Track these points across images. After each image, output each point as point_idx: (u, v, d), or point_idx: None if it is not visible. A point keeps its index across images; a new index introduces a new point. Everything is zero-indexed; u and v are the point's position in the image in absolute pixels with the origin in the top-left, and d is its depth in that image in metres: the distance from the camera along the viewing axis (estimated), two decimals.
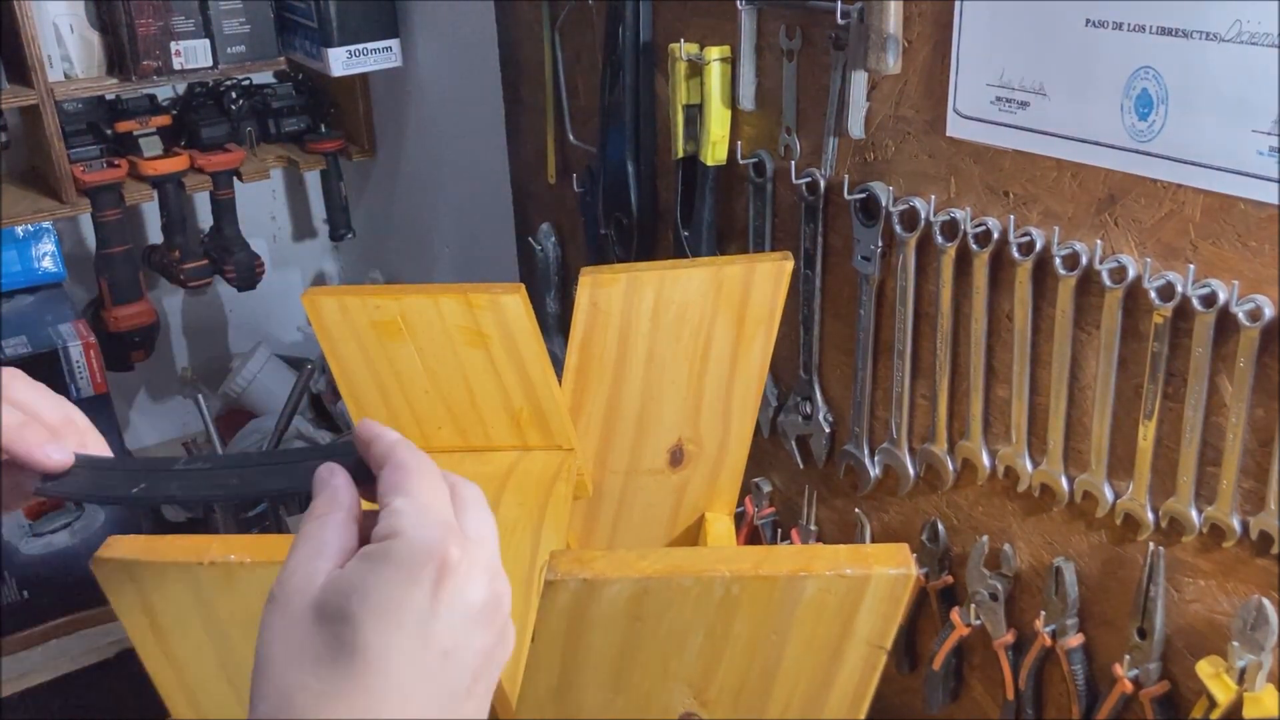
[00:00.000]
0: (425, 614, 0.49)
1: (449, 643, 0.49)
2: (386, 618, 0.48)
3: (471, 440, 0.91)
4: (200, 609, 0.66)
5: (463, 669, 0.50)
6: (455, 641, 0.49)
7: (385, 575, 0.49)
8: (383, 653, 0.48)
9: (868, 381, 1.17)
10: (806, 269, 1.19)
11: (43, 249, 1.96)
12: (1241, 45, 0.79)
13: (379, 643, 0.48)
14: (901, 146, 1.06)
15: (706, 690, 0.63)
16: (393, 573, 0.49)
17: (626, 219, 1.40)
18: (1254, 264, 0.83)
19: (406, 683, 0.48)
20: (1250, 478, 0.88)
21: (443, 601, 0.49)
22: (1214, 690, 0.91)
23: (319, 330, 0.86)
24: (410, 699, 0.48)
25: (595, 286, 0.88)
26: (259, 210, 2.44)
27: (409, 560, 0.49)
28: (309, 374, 2.10)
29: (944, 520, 1.15)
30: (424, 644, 0.48)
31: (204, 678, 0.70)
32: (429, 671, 0.49)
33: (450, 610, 0.49)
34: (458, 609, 0.50)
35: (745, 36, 1.17)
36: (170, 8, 1.85)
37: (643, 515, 1.02)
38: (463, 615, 0.50)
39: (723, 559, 0.58)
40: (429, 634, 0.49)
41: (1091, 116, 0.90)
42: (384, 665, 0.48)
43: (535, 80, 1.57)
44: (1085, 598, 1.03)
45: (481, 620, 0.51)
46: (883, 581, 0.58)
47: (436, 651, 0.49)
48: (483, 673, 0.51)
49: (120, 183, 1.96)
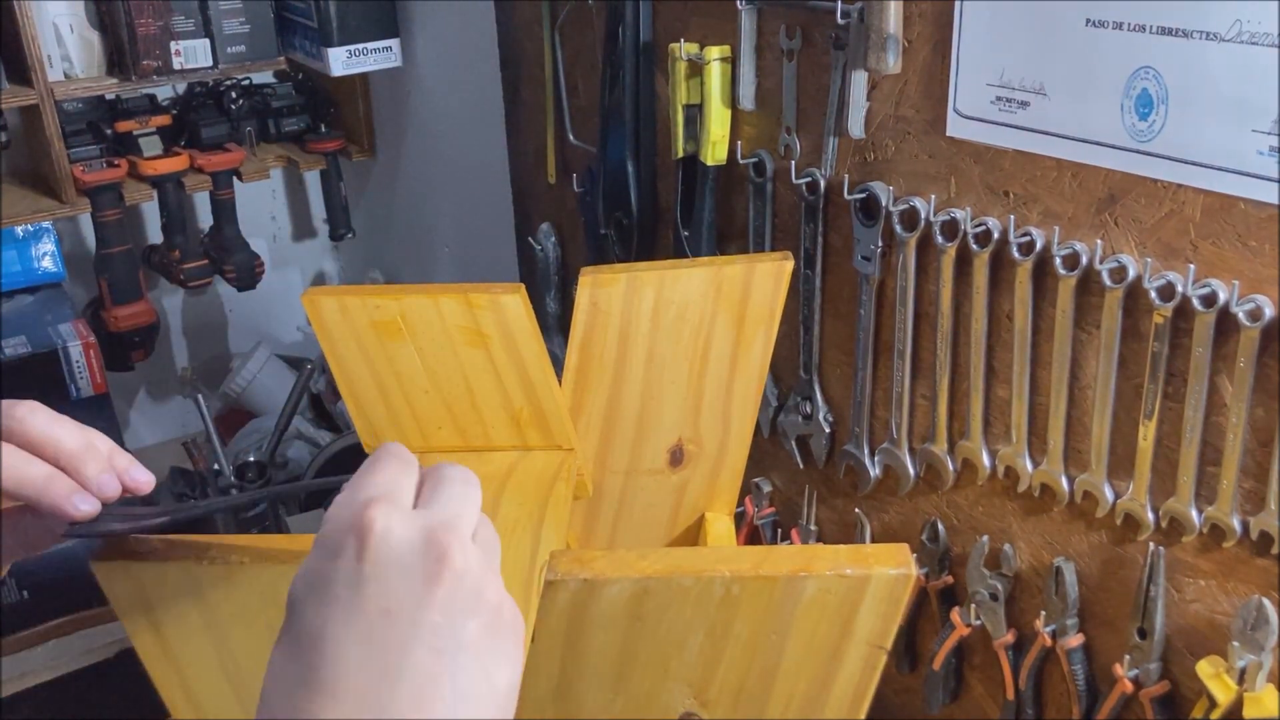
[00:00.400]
0: (353, 580, 0.50)
1: (386, 601, 0.50)
2: (319, 593, 0.50)
3: (471, 440, 0.91)
4: (200, 609, 0.66)
5: (411, 623, 0.50)
6: (394, 599, 0.50)
7: (315, 556, 0.51)
8: (320, 628, 0.49)
9: (868, 381, 1.17)
10: (806, 269, 1.19)
11: (43, 249, 1.96)
12: (1241, 45, 0.79)
13: (315, 618, 0.50)
14: (901, 146, 1.06)
15: (706, 690, 0.63)
16: (319, 551, 0.51)
17: (626, 219, 1.40)
18: (1254, 264, 0.83)
19: (344, 649, 0.49)
20: (1250, 478, 0.88)
21: (368, 563, 0.50)
22: (1214, 690, 0.91)
23: (319, 330, 0.86)
24: (347, 663, 0.49)
25: (595, 286, 0.88)
26: (259, 210, 2.44)
27: (332, 535, 0.51)
28: (309, 374, 2.10)
29: (944, 520, 1.15)
30: (358, 608, 0.49)
31: (204, 678, 0.70)
32: (368, 633, 0.49)
33: (378, 569, 0.50)
34: (387, 567, 0.50)
35: (745, 36, 1.17)
36: (170, 8, 1.85)
37: (643, 515, 1.02)
38: (397, 572, 0.50)
39: (723, 559, 0.58)
40: (361, 598, 0.50)
41: (1092, 116, 0.90)
42: (320, 638, 0.49)
43: (535, 80, 1.57)
44: (1085, 598, 1.03)
45: (421, 571, 0.50)
46: (883, 581, 0.58)
47: (374, 612, 0.49)
48: (448, 621, 0.50)
49: (120, 182, 1.96)
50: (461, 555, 0.51)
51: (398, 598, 0.50)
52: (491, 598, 0.52)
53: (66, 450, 0.61)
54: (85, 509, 0.61)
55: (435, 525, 0.52)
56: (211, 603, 0.66)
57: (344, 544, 0.51)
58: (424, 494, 0.55)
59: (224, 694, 0.71)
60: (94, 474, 0.61)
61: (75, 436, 0.62)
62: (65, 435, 0.62)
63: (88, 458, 0.61)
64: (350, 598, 0.50)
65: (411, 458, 0.57)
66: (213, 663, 0.70)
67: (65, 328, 1.86)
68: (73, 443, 0.62)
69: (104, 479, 0.61)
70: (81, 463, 0.61)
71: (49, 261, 1.97)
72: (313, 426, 2.28)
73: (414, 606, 0.50)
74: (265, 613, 0.67)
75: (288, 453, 2.21)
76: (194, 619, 0.67)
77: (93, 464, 0.61)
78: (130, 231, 2.09)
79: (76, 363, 1.83)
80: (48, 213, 1.90)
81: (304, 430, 2.25)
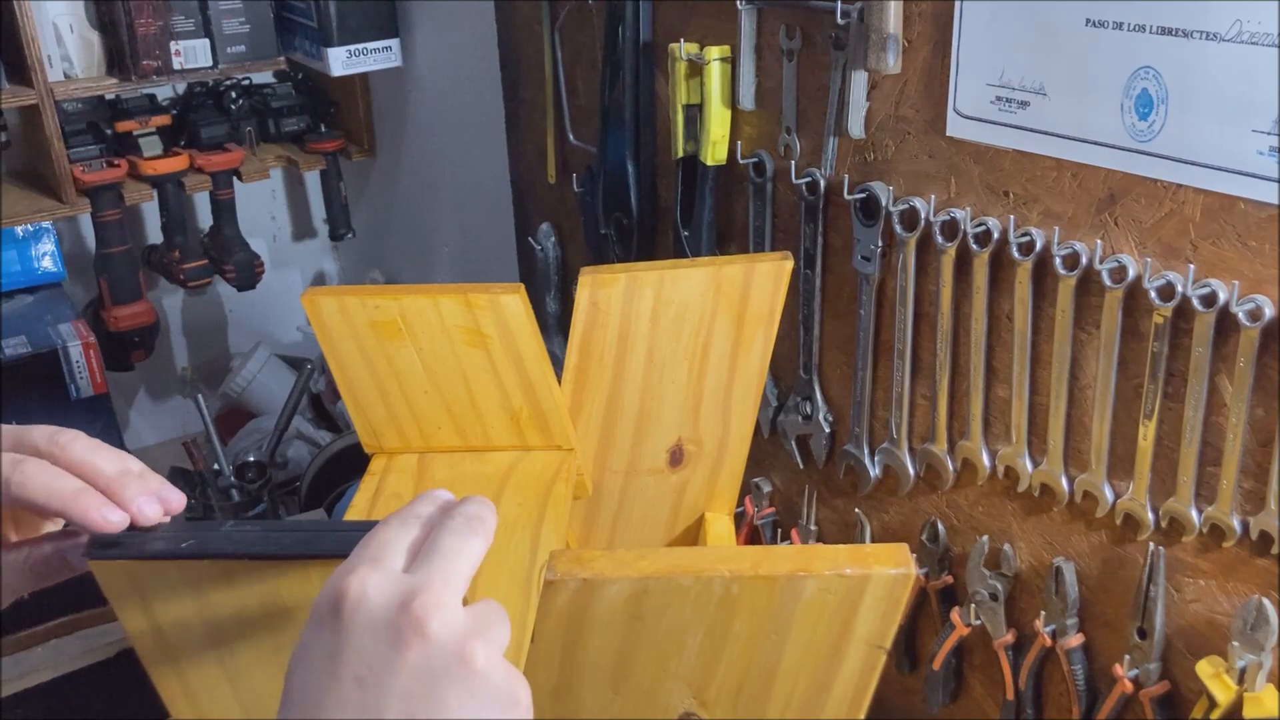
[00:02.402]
0: (331, 648, 0.51)
1: (360, 669, 0.50)
2: (303, 662, 0.52)
3: (471, 440, 0.91)
4: (199, 607, 0.66)
5: (381, 688, 0.50)
6: (367, 666, 0.50)
7: (306, 624, 0.53)
8: (305, 696, 0.51)
9: (868, 381, 1.17)
10: (806, 269, 1.19)
11: (42, 249, 1.96)
12: (1241, 45, 0.79)
13: (297, 686, 0.51)
14: (901, 146, 1.06)
15: (706, 690, 0.63)
16: (309, 620, 0.53)
17: (626, 219, 1.40)
18: (1254, 264, 0.83)
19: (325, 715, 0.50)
20: (1250, 478, 0.88)
21: (343, 632, 0.51)
22: (1214, 690, 0.91)
23: (318, 330, 0.86)
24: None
25: (594, 286, 0.88)
26: (259, 210, 2.44)
27: (318, 603, 0.53)
28: (309, 374, 2.11)
29: (944, 520, 1.15)
30: (334, 675, 0.51)
31: (204, 678, 0.70)
32: (343, 701, 0.50)
33: (352, 636, 0.51)
34: (362, 634, 0.51)
35: (745, 36, 1.16)
36: (170, 7, 1.85)
37: (642, 515, 1.02)
38: (370, 638, 0.51)
39: (722, 558, 0.58)
40: (337, 665, 0.51)
41: (1091, 116, 0.90)
42: (305, 705, 0.51)
43: (535, 80, 1.57)
44: (1085, 598, 1.03)
45: (392, 637, 0.50)
46: (882, 581, 0.58)
47: (349, 679, 0.50)
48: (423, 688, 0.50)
49: (120, 183, 1.96)
50: (439, 620, 0.51)
51: (368, 664, 0.50)
52: (481, 666, 0.51)
53: (105, 475, 0.62)
54: (114, 519, 0.61)
55: (414, 589, 0.52)
56: (210, 601, 0.66)
57: (324, 611, 0.52)
58: (423, 549, 0.55)
59: (224, 694, 0.71)
60: (133, 496, 0.62)
61: (114, 463, 0.62)
62: (104, 462, 0.62)
63: (126, 482, 0.62)
64: (327, 665, 0.51)
65: (422, 512, 0.57)
66: (213, 663, 0.70)
67: (65, 328, 1.87)
68: (111, 468, 0.62)
69: (143, 500, 0.62)
70: (121, 486, 0.62)
71: (49, 261, 1.97)
72: (313, 426, 2.28)
73: (384, 672, 0.50)
74: (264, 611, 0.67)
75: (288, 453, 2.21)
76: (193, 617, 0.67)
77: (132, 487, 0.62)
78: (130, 231, 2.09)
79: (76, 363, 1.83)
80: (48, 213, 1.90)
81: (304, 430, 2.25)
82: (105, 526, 0.61)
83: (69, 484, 0.61)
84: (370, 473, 0.90)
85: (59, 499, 0.60)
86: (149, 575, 0.65)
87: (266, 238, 2.48)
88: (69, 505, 0.60)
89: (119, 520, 0.61)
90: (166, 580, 0.65)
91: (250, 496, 1.99)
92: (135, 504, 0.61)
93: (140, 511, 0.61)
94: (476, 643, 0.51)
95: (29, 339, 1.83)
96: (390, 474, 0.90)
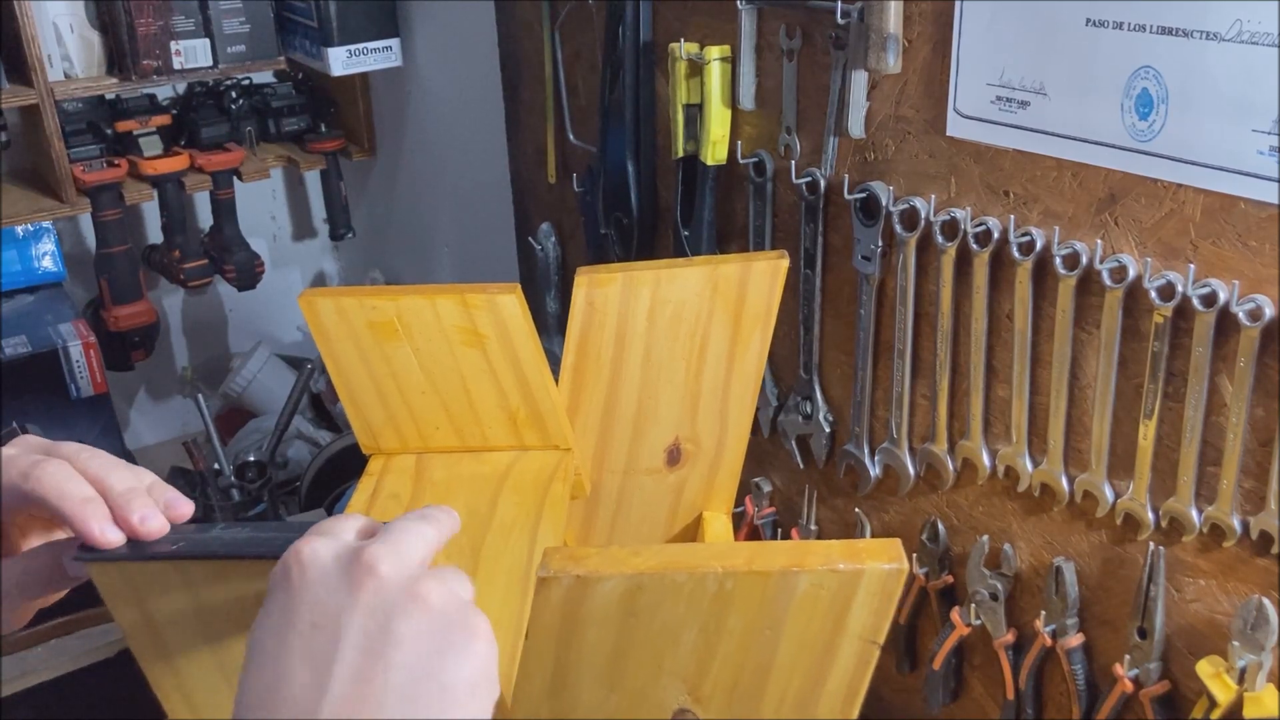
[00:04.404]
0: (284, 604, 0.54)
1: (315, 616, 0.53)
2: (260, 625, 0.55)
3: (468, 440, 0.91)
4: (195, 606, 0.66)
5: (336, 627, 0.52)
6: (322, 612, 0.53)
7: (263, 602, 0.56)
8: (259, 651, 0.54)
9: (868, 381, 1.17)
10: (806, 269, 1.19)
11: (43, 249, 1.96)
12: (1241, 45, 0.79)
13: (255, 645, 0.54)
14: (901, 146, 1.06)
15: (700, 686, 0.63)
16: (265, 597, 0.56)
17: (626, 219, 1.39)
18: (1254, 264, 0.83)
19: (284, 665, 0.52)
20: (1250, 477, 0.87)
21: (294, 585, 0.54)
22: (1214, 690, 0.91)
23: (316, 332, 0.86)
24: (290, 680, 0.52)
25: (591, 286, 0.87)
26: (259, 210, 2.44)
27: (271, 578, 0.56)
28: (309, 374, 2.11)
29: (944, 520, 1.14)
30: (289, 627, 0.53)
31: (200, 677, 0.70)
32: (303, 649, 0.52)
33: (306, 590, 0.54)
34: (315, 586, 0.54)
35: (745, 36, 1.16)
36: (170, 7, 1.85)
37: (640, 515, 1.02)
38: (323, 588, 0.54)
39: (716, 554, 0.58)
40: (293, 617, 0.53)
41: (1091, 116, 0.90)
42: (265, 660, 0.53)
43: (535, 80, 1.57)
44: (1085, 597, 1.03)
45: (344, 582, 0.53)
46: (875, 576, 0.58)
47: (305, 626, 0.53)
48: (378, 623, 0.52)
49: (120, 182, 1.96)
50: (389, 564, 0.54)
51: (324, 609, 0.53)
52: (435, 601, 0.53)
53: (116, 490, 0.63)
54: (111, 537, 0.62)
55: (366, 546, 0.55)
56: (206, 600, 0.66)
57: (278, 579, 0.55)
58: (378, 531, 0.58)
59: (221, 693, 0.71)
60: (136, 509, 0.63)
61: (126, 479, 0.64)
62: (117, 478, 0.63)
63: (131, 497, 0.63)
64: (282, 619, 0.53)
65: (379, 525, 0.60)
66: (209, 662, 0.70)
67: (65, 327, 1.86)
68: (122, 484, 0.63)
69: (147, 514, 0.63)
70: (127, 501, 0.63)
71: (49, 261, 1.97)
72: (313, 426, 2.28)
73: (339, 612, 0.53)
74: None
75: (288, 453, 2.21)
76: (188, 616, 0.67)
77: (136, 501, 0.63)
78: (130, 231, 2.09)
79: (76, 362, 1.83)
80: (48, 213, 1.90)
81: (304, 430, 2.25)
82: (101, 541, 0.62)
83: (80, 490, 0.62)
84: (368, 473, 0.90)
85: (68, 502, 0.61)
86: (143, 575, 0.65)
87: (266, 238, 2.48)
88: (75, 510, 0.61)
89: (115, 539, 0.62)
90: (161, 579, 0.65)
91: (250, 496, 1.99)
92: (137, 516, 0.63)
93: (142, 523, 0.63)
94: (430, 582, 0.54)
95: (29, 339, 1.83)
96: (388, 474, 0.90)
